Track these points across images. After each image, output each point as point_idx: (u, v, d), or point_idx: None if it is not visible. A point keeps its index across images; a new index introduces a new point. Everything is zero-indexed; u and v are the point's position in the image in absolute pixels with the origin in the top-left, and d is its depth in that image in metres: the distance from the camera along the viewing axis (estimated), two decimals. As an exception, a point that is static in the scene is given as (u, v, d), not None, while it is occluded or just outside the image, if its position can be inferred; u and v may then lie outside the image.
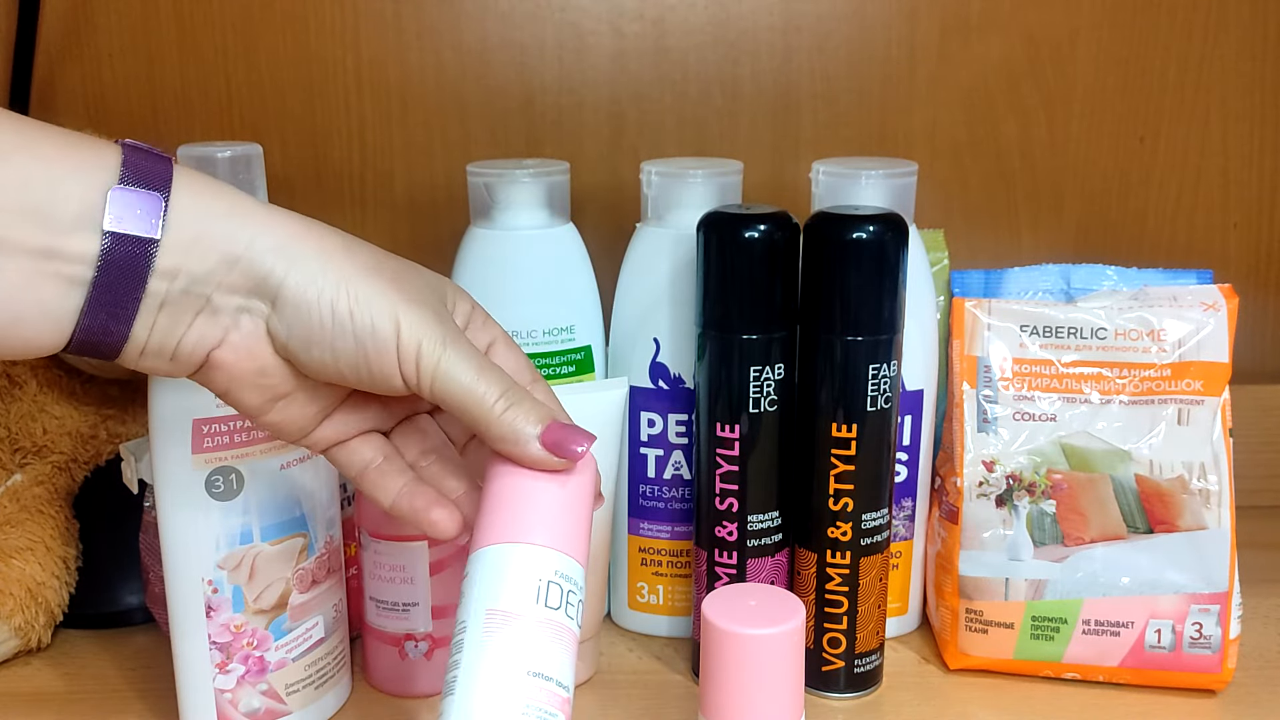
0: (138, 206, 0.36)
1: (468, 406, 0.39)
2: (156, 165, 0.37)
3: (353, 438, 0.43)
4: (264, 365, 0.39)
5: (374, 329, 0.38)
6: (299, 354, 0.39)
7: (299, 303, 0.38)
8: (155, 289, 0.37)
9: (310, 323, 0.38)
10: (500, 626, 0.38)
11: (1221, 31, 0.76)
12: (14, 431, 0.68)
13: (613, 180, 0.77)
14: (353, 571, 0.62)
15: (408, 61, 0.75)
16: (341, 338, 0.38)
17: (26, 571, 0.62)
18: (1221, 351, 0.58)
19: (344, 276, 0.38)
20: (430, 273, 0.42)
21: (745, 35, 0.75)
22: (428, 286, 0.41)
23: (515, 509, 0.40)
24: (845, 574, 0.57)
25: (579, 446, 0.40)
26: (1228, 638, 0.57)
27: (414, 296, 0.39)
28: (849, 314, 0.54)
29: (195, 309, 0.37)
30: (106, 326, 0.37)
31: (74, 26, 0.74)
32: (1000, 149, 0.78)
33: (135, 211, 0.36)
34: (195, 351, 0.38)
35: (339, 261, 0.38)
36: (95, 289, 0.36)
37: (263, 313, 0.38)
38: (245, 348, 0.38)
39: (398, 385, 0.39)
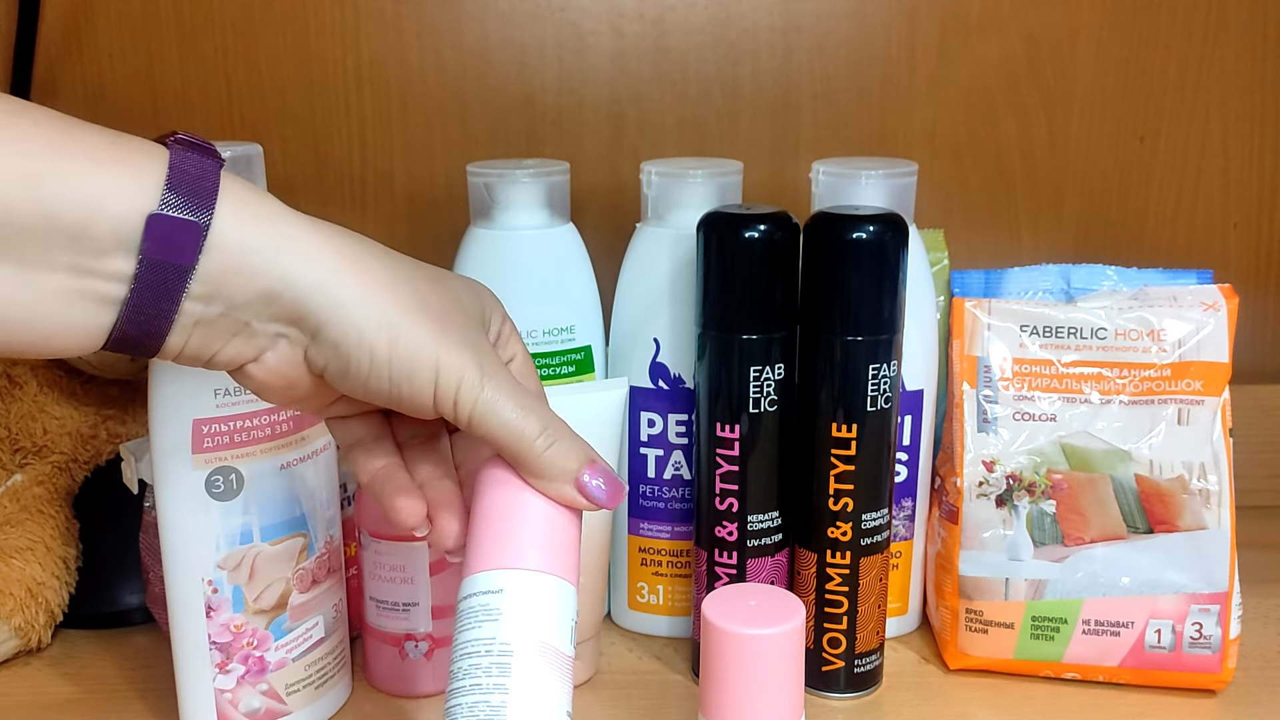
0: (175, 235, 0.35)
1: (507, 442, 0.40)
2: (203, 178, 0.36)
3: (354, 416, 0.43)
4: (295, 382, 0.39)
5: (411, 375, 0.38)
6: (333, 381, 0.39)
7: (337, 343, 0.37)
8: (190, 310, 0.36)
9: (348, 362, 0.38)
10: (554, 663, 0.38)
11: (1221, 31, 0.76)
12: (14, 431, 0.68)
13: (613, 180, 0.77)
14: (353, 571, 0.62)
15: (408, 61, 0.75)
16: (376, 379, 0.38)
17: (26, 571, 0.62)
18: (1221, 351, 0.58)
19: (385, 319, 0.37)
20: (468, 290, 0.42)
21: (745, 35, 0.75)
22: (468, 319, 0.41)
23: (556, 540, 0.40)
24: (845, 574, 0.57)
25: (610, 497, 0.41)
26: (1228, 638, 0.57)
27: (456, 336, 0.39)
28: (849, 314, 0.54)
29: (232, 331, 0.37)
30: (140, 341, 0.36)
31: (74, 26, 0.74)
32: (1000, 149, 0.78)
33: (172, 240, 0.35)
34: (231, 362, 0.38)
35: (382, 301, 0.38)
36: (128, 308, 0.35)
37: (302, 342, 0.38)
38: (279, 369, 0.38)
39: (429, 415, 0.39)
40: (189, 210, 0.35)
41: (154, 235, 0.34)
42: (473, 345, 0.39)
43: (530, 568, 0.39)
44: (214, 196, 0.35)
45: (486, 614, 0.39)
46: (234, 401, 0.50)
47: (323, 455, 0.54)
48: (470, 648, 0.38)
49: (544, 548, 0.40)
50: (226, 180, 0.36)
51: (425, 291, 0.39)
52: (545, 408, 0.41)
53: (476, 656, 0.38)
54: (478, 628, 0.38)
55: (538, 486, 0.40)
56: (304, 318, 0.37)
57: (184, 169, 0.35)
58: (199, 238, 0.35)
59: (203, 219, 0.35)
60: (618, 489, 0.41)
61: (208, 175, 0.36)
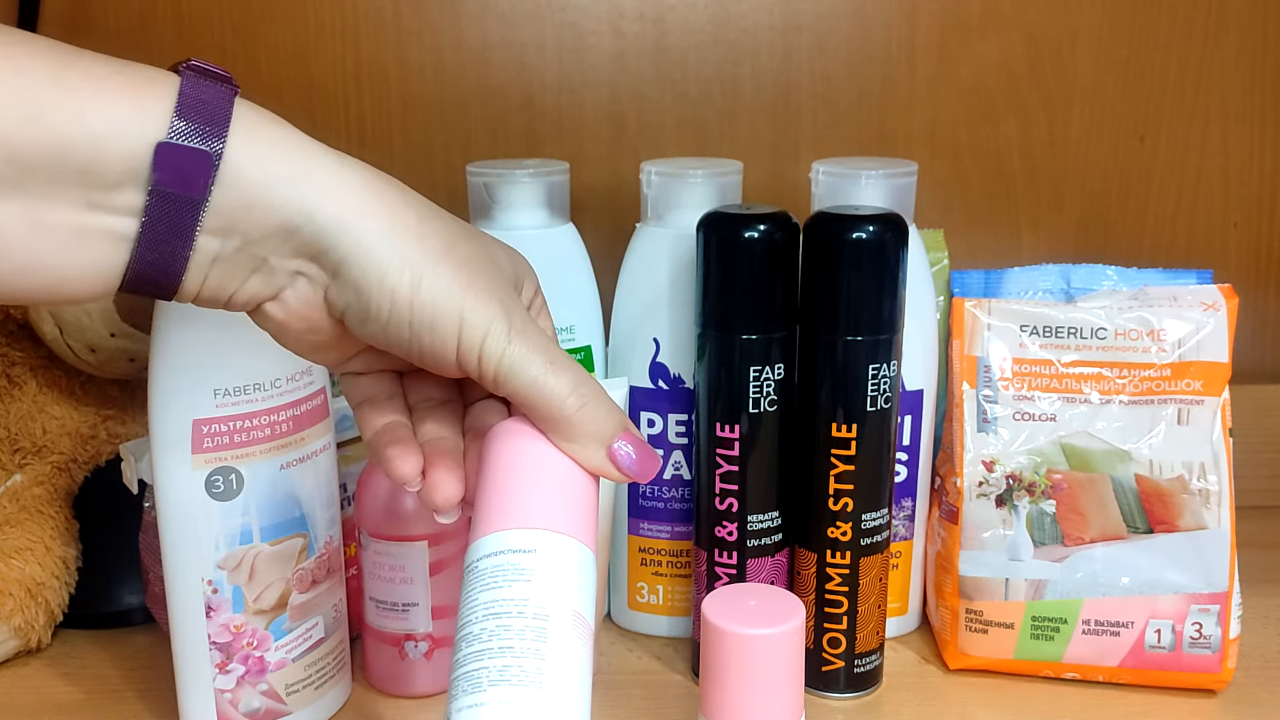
0: (185, 165, 0.33)
1: (536, 401, 0.37)
2: (215, 103, 0.34)
3: (368, 373, 0.41)
4: (314, 324, 0.37)
5: (433, 324, 0.36)
6: (353, 326, 0.37)
7: (358, 284, 0.35)
8: (206, 246, 0.34)
9: (368, 305, 0.36)
10: (584, 636, 0.36)
11: (1221, 31, 0.76)
12: (14, 432, 0.68)
13: (613, 180, 0.77)
14: (353, 571, 0.62)
15: (408, 61, 0.75)
16: (396, 325, 0.36)
17: (26, 571, 0.62)
18: (1221, 351, 0.58)
19: (409, 262, 0.35)
20: (504, 251, 0.41)
21: (745, 35, 0.75)
22: (499, 273, 0.39)
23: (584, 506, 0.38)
24: (845, 574, 0.57)
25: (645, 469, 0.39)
26: (1228, 638, 0.57)
27: (483, 286, 0.37)
28: (849, 314, 0.54)
29: (250, 268, 0.35)
30: (155, 280, 0.35)
31: (74, 26, 0.74)
32: (1000, 149, 0.78)
33: (182, 171, 0.33)
34: (249, 302, 0.37)
35: (407, 243, 0.36)
36: (140, 245, 0.34)
37: (322, 280, 0.36)
38: (298, 308, 0.37)
39: (451, 371, 0.37)
40: (199, 139, 0.33)
41: (163, 166, 0.33)
42: (501, 298, 0.37)
43: (563, 531, 0.37)
44: (226, 124, 0.34)
45: (518, 574, 0.36)
46: (234, 401, 0.50)
47: (323, 455, 0.54)
48: (499, 607, 0.35)
49: (574, 512, 0.38)
50: (241, 107, 0.34)
51: (456, 240, 0.37)
52: (578, 367, 0.38)
53: (508, 618, 0.34)
54: (506, 587, 0.35)
55: (565, 449, 0.38)
56: (324, 253, 0.35)
57: (195, 96, 0.34)
58: (210, 168, 0.33)
59: (214, 148, 0.33)
60: (652, 461, 0.39)
61: (220, 102, 0.34)
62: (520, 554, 0.36)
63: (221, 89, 0.34)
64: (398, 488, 0.56)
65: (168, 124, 0.33)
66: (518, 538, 0.36)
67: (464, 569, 0.37)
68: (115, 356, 0.66)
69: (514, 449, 0.38)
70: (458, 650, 0.35)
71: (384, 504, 0.56)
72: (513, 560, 0.36)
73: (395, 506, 0.56)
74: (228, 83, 0.35)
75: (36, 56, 0.33)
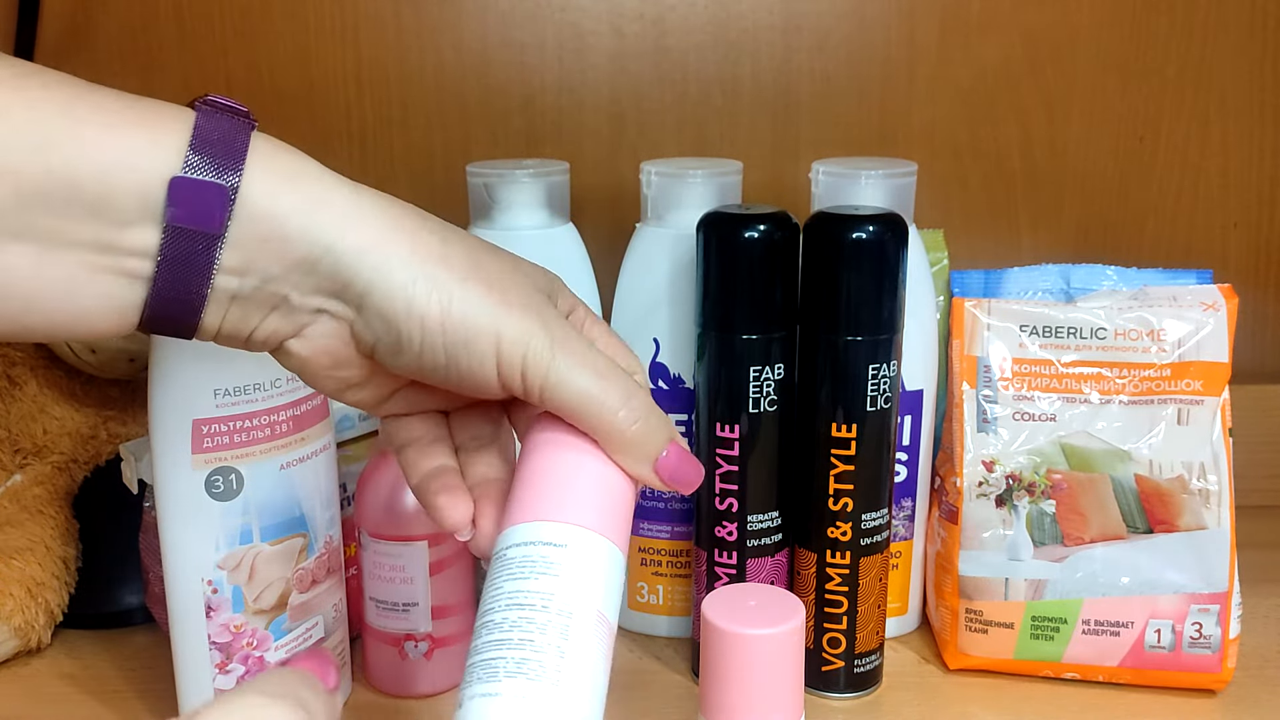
0: (200, 199, 0.32)
1: (587, 415, 0.36)
2: (230, 138, 0.33)
3: (412, 414, 0.40)
4: (341, 361, 0.36)
5: (469, 343, 0.35)
6: (385, 359, 0.36)
7: (385, 314, 0.34)
8: (224, 284, 0.34)
9: (399, 335, 0.35)
10: (606, 640, 0.35)
11: (1221, 31, 0.76)
12: (14, 432, 0.68)
13: (613, 180, 0.77)
14: (353, 571, 0.62)
15: (408, 61, 0.75)
16: (430, 352, 0.35)
17: (26, 571, 0.62)
18: (1221, 351, 0.58)
19: (436, 283, 0.34)
20: (533, 267, 0.39)
21: (745, 35, 0.75)
22: (532, 286, 0.37)
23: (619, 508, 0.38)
24: (845, 574, 0.57)
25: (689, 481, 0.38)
26: (1227, 638, 0.57)
27: (516, 300, 0.36)
28: (849, 314, 0.54)
29: (270, 305, 0.35)
30: (174, 317, 0.34)
31: (74, 26, 0.74)
32: (1000, 149, 0.78)
33: (198, 205, 0.32)
34: (269, 340, 0.36)
35: (431, 266, 0.35)
36: (157, 283, 0.33)
37: (347, 316, 0.35)
38: (323, 345, 0.36)
39: (494, 393, 0.36)
40: (214, 172, 0.32)
41: (178, 200, 0.32)
42: (538, 310, 0.36)
43: (596, 529, 0.36)
44: (242, 158, 0.33)
45: (546, 566, 0.35)
46: (234, 402, 0.50)
47: (323, 455, 0.54)
48: (524, 598, 0.34)
49: (609, 513, 0.37)
50: (258, 140, 0.34)
51: (482, 259, 0.36)
52: (625, 376, 0.37)
53: (531, 610, 0.34)
54: (533, 579, 0.35)
55: (616, 460, 0.37)
56: (346, 286, 0.34)
57: (210, 129, 0.33)
58: (226, 202, 0.32)
59: (229, 181, 0.32)
60: (696, 472, 0.38)
61: (236, 135, 0.33)
62: (551, 547, 0.35)
63: (238, 122, 0.34)
64: (398, 487, 0.56)
65: (182, 158, 0.32)
66: (550, 530, 0.36)
67: (493, 555, 0.37)
68: (115, 357, 0.66)
69: (555, 443, 0.37)
70: (477, 636, 0.35)
71: (384, 504, 0.56)
72: (542, 552, 0.35)
73: (395, 506, 0.56)
74: (244, 117, 0.34)
75: (49, 90, 0.33)
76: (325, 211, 0.34)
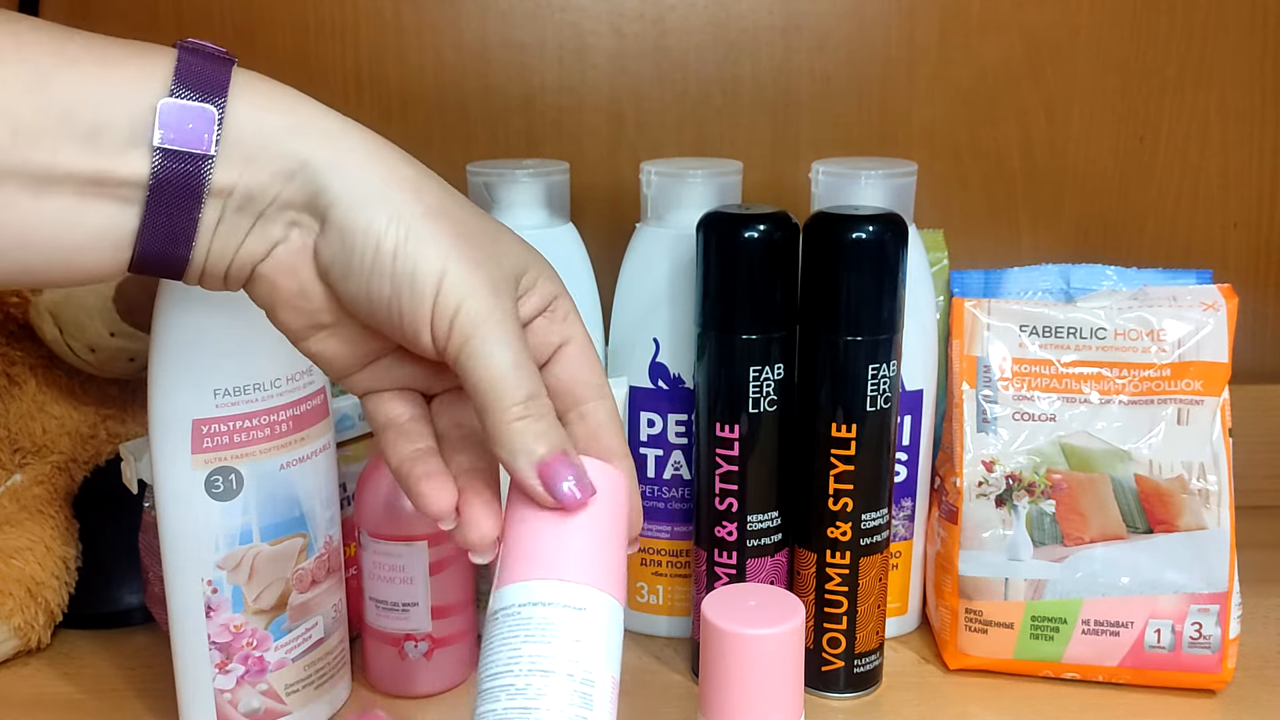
0: (190, 120, 0.33)
1: (483, 396, 0.35)
2: (213, 71, 0.34)
3: (390, 390, 0.39)
4: (305, 286, 0.37)
5: (414, 277, 0.35)
6: (337, 283, 0.36)
7: (344, 228, 0.35)
8: (212, 206, 0.35)
9: (352, 253, 0.35)
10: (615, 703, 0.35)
11: (1221, 31, 0.76)
12: (14, 431, 0.68)
13: (613, 180, 0.77)
14: (353, 571, 0.62)
15: (407, 61, 0.75)
16: (378, 278, 0.35)
17: (26, 571, 0.62)
18: (1221, 351, 0.58)
19: (399, 212, 0.35)
20: (518, 242, 0.39)
21: (745, 35, 0.75)
22: (499, 252, 0.37)
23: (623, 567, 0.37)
24: (845, 574, 0.57)
25: (569, 493, 0.36)
26: (1227, 638, 0.57)
27: (473, 255, 0.36)
28: (849, 314, 0.54)
29: (248, 224, 0.35)
30: (165, 249, 0.35)
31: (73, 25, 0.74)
32: (1000, 149, 0.78)
33: (188, 126, 0.34)
34: (245, 266, 0.36)
35: (402, 195, 0.35)
36: (149, 209, 0.34)
37: (312, 230, 0.36)
38: (289, 264, 0.36)
39: (426, 345, 0.36)
40: (202, 98, 0.34)
41: (169, 123, 0.33)
42: (489, 272, 0.36)
43: (611, 592, 0.36)
44: (226, 86, 0.34)
45: (569, 631, 0.35)
46: (234, 401, 0.50)
47: (322, 455, 0.54)
48: (547, 664, 0.34)
49: (619, 571, 0.37)
50: (240, 73, 0.35)
51: (455, 205, 0.37)
52: (537, 379, 0.36)
53: (554, 677, 0.34)
54: (555, 643, 0.34)
55: (498, 458, 0.36)
56: (316, 196, 0.35)
57: (194, 63, 0.34)
58: (214, 123, 0.34)
59: (217, 103, 0.34)
60: (582, 489, 0.36)
61: (219, 68, 0.35)
62: (572, 610, 0.35)
63: (220, 58, 0.35)
64: (397, 487, 0.56)
65: (168, 86, 0.34)
66: (572, 593, 0.35)
67: (501, 608, 0.36)
68: (115, 356, 0.66)
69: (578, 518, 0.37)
70: (494, 699, 0.34)
71: (384, 504, 0.56)
72: (564, 615, 0.35)
73: (395, 506, 0.56)
74: (225, 55, 0.36)
75: (39, 32, 0.34)
76: (307, 130, 0.35)
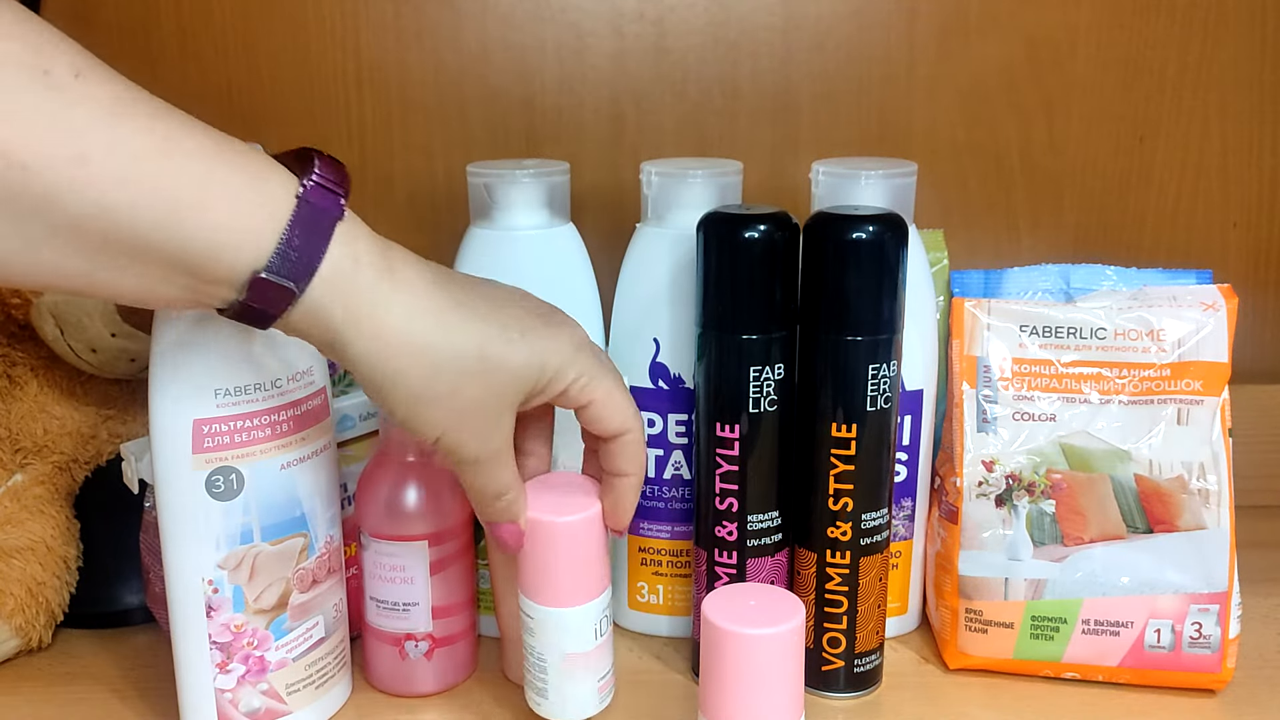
0: (272, 293, 0.41)
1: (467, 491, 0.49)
2: (313, 244, 0.41)
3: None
4: None
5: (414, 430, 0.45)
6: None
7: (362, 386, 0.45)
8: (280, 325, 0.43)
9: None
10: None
11: (1221, 31, 0.76)
12: (14, 431, 0.68)
13: (613, 180, 0.77)
14: (353, 571, 0.62)
15: (408, 62, 0.75)
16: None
17: (27, 571, 0.62)
18: (1221, 351, 0.58)
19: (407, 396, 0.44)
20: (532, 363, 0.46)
21: (745, 35, 0.75)
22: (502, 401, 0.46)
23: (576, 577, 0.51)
24: (845, 574, 0.57)
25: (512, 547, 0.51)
26: (1227, 637, 0.57)
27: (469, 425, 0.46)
28: (849, 314, 0.54)
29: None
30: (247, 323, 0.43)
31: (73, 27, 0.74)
32: (1000, 149, 0.78)
33: (268, 297, 0.41)
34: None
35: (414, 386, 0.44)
36: (228, 315, 0.42)
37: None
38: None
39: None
40: (289, 276, 0.40)
41: (255, 292, 0.40)
42: (483, 427, 0.46)
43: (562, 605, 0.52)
44: (316, 264, 0.41)
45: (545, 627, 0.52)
46: (234, 401, 0.50)
47: (323, 455, 0.54)
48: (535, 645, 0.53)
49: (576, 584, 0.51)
50: (334, 244, 0.41)
51: (465, 383, 0.44)
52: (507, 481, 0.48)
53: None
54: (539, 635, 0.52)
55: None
56: (343, 362, 0.44)
57: (299, 232, 0.40)
58: (290, 300, 0.41)
59: (299, 286, 0.41)
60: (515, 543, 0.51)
61: (318, 241, 0.41)
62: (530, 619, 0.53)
63: (326, 217, 0.41)
64: (397, 487, 0.56)
65: (268, 257, 0.40)
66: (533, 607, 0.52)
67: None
68: (116, 356, 0.66)
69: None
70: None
71: (384, 504, 0.56)
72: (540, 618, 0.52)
73: (395, 506, 0.56)
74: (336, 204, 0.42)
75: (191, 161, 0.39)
76: (359, 327, 0.42)
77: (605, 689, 0.53)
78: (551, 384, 0.47)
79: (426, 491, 0.57)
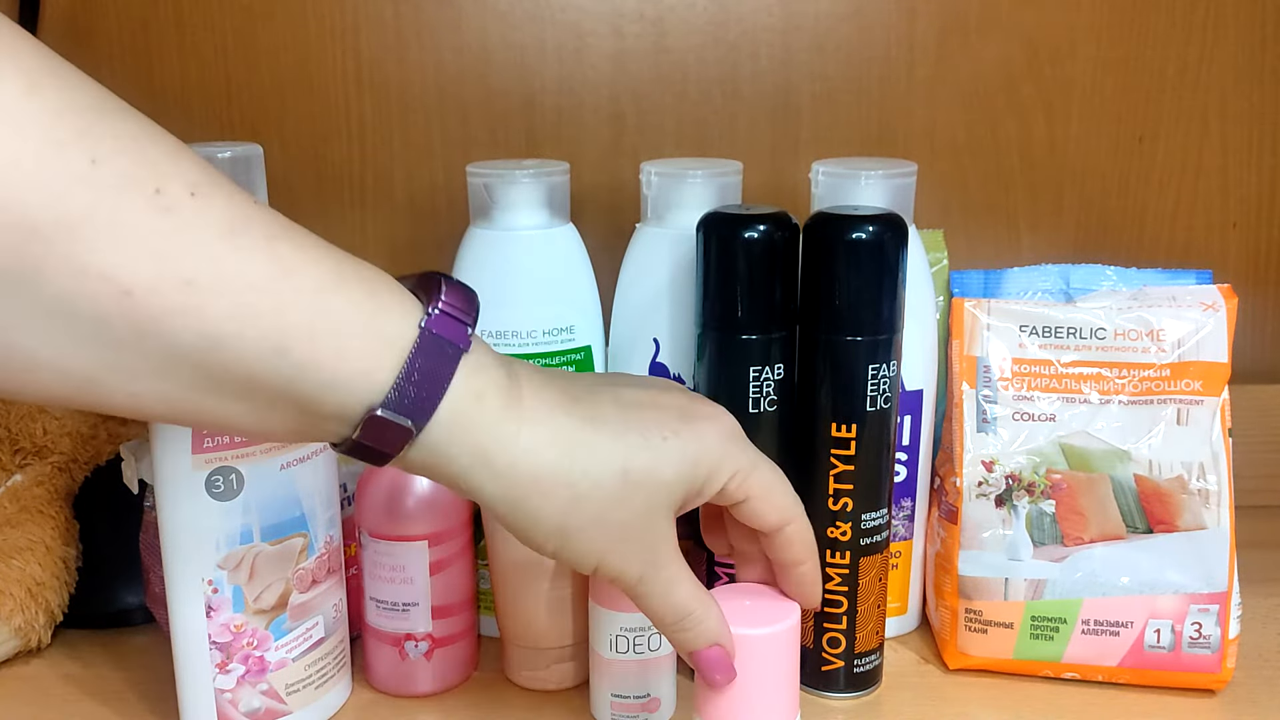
0: (387, 433, 0.37)
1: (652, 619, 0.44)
2: (433, 382, 0.38)
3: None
4: None
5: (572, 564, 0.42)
6: None
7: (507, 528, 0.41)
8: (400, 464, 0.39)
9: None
10: None
11: (1221, 31, 0.76)
12: (14, 432, 0.68)
13: (613, 180, 0.77)
14: (353, 571, 0.62)
15: (408, 62, 0.75)
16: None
17: (27, 571, 0.62)
18: (1221, 351, 0.58)
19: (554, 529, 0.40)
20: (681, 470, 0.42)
21: (745, 35, 0.75)
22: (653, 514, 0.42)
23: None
24: (845, 574, 0.57)
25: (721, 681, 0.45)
26: (1227, 637, 0.57)
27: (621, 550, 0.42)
28: (849, 314, 0.54)
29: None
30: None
31: (74, 26, 0.74)
32: (1000, 149, 0.78)
33: (384, 436, 0.38)
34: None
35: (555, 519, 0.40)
36: (341, 451, 0.39)
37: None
38: None
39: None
40: (407, 414, 0.37)
41: (370, 430, 0.37)
42: (642, 545, 0.42)
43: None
44: (437, 401, 0.38)
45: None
46: (234, 401, 0.50)
47: (323, 455, 0.54)
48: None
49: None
50: (457, 378, 0.38)
51: (610, 506, 0.41)
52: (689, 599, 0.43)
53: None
54: None
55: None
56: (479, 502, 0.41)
57: (420, 365, 0.37)
58: (407, 438, 0.38)
59: (418, 424, 0.37)
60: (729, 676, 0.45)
61: (440, 376, 0.38)
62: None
63: (446, 356, 0.38)
64: (397, 487, 0.56)
65: (384, 396, 0.37)
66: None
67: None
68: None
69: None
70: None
71: (384, 504, 0.56)
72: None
73: (395, 506, 0.56)
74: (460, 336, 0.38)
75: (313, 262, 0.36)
76: (481, 466, 0.39)
77: None
78: (706, 486, 0.43)
79: (426, 492, 0.57)
